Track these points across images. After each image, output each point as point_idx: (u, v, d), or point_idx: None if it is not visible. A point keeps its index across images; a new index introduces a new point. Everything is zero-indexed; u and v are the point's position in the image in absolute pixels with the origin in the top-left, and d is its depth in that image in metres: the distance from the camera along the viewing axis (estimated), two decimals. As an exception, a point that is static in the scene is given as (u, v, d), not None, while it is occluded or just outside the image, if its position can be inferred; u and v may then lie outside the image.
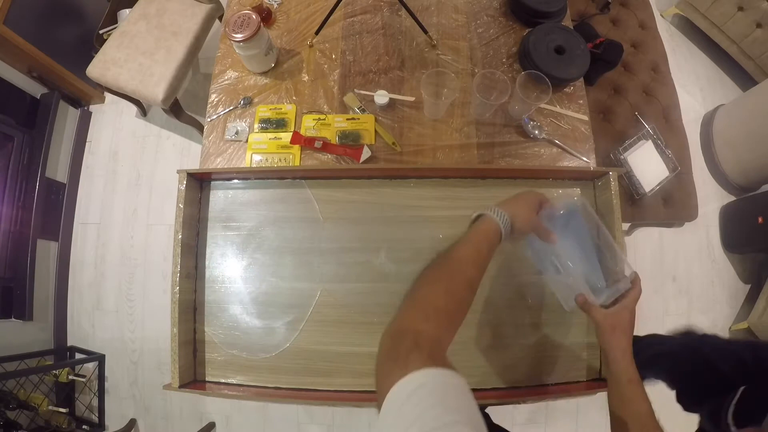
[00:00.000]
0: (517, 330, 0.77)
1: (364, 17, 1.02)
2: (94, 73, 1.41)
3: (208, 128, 0.93)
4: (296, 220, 0.81)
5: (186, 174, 0.77)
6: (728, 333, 1.66)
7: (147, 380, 1.61)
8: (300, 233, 0.81)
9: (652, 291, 1.68)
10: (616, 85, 1.35)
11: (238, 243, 0.81)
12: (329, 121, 0.92)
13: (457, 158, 0.89)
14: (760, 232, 1.56)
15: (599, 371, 0.77)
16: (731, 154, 1.74)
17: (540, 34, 0.94)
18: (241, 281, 0.79)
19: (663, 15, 2.05)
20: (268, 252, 0.80)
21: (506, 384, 0.75)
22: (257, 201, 0.82)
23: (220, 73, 0.98)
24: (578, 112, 0.93)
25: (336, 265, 0.79)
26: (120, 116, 1.90)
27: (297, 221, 0.81)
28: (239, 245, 0.81)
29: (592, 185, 0.82)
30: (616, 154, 1.23)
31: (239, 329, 0.78)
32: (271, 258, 0.80)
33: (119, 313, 1.67)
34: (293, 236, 0.80)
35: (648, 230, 1.67)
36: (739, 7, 1.72)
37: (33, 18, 1.54)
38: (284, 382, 0.75)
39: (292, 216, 0.81)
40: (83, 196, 1.81)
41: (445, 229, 0.80)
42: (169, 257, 0.74)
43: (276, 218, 0.81)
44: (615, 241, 0.67)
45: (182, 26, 1.43)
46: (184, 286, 0.75)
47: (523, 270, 0.79)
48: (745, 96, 1.73)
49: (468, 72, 0.97)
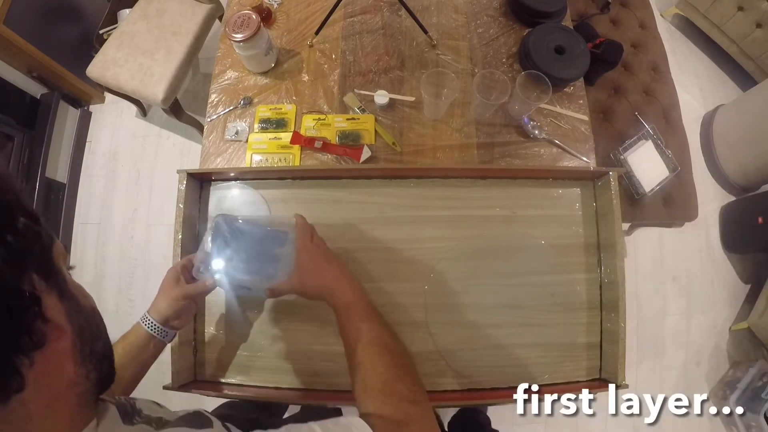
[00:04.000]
0: (517, 330, 0.77)
1: (364, 17, 1.02)
2: (94, 73, 1.41)
3: (208, 128, 0.93)
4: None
5: (186, 174, 0.77)
6: (728, 333, 1.66)
7: (147, 380, 1.61)
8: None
9: (652, 291, 1.68)
10: (616, 85, 1.35)
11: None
12: (329, 121, 0.92)
13: (457, 158, 0.89)
14: (760, 232, 1.56)
15: (599, 371, 0.77)
16: (731, 154, 1.74)
17: (540, 34, 0.94)
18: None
19: (663, 15, 2.05)
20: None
21: (506, 384, 0.75)
22: (257, 201, 0.82)
23: (220, 73, 0.98)
24: (578, 112, 0.93)
25: (336, 265, 0.79)
26: (120, 116, 1.90)
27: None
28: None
29: (592, 185, 0.82)
30: (616, 154, 1.23)
31: (239, 329, 0.78)
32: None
33: (119, 313, 1.67)
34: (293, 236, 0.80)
35: (648, 230, 1.67)
36: (739, 7, 1.72)
37: (33, 18, 1.54)
38: (284, 382, 0.75)
39: (292, 216, 0.81)
40: (83, 196, 1.81)
41: (446, 229, 0.80)
42: (169, 257, 0.74)
43: (276, 218, 0.81)
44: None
45: (182, 26, 1.43)
46: (184, 286, 0.75)
47: (523, 270, 0.79)
48: (745, 96, 1.73)
49: (468, 72, 0.97)
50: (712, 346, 1.65)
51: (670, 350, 1.62)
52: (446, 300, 0.77)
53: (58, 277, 0.30)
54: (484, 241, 0.79)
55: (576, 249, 0.80)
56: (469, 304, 0.77)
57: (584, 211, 0.81)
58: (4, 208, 0.26)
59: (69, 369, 0.30)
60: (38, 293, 0.27)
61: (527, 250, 0.79)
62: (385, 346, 0.52)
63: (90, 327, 0.32)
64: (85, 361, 0.31)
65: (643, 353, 1.60)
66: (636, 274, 1.68)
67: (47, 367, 0.27)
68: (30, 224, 0.28)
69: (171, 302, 0.60)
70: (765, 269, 1.69)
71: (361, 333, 0.52)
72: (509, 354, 0.76)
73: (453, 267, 0.78)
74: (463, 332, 0.76)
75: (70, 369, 0.30)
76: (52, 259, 0.30)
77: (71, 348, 0.30)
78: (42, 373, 0.27)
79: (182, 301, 0.60)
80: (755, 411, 1.38)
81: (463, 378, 0.74)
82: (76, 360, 0.30)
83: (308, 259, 0.58)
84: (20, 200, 0.28)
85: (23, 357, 0.25)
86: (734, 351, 1.64)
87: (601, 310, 0.78)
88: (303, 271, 0.57)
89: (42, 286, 0.28)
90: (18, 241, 0.26)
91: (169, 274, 0.63)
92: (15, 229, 0.26)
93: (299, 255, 0.58)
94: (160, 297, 0.61)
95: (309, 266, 0.57)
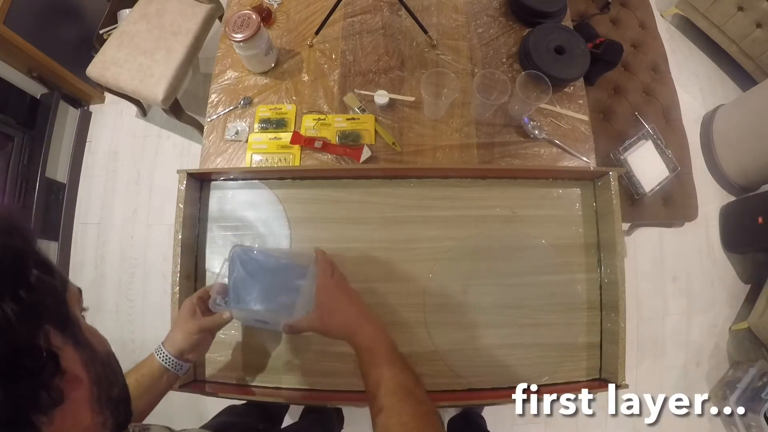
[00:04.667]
0: (517, 330, 0.77)
1: (364, 17, 1.02)
2: (94, 73, 1.41)
3: (208, 128, 0.93)
4: (296, 220, 0.81)
5: (186, 174, 0.77)
6: (728, 333, 1.66)
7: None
8: (300, 233, 0.80)
9: (652, 291, 1.68)
10: (616, 85, 1.35)
11: (238, 243, 0.80)
12: (329, 121, 0.92)
13: (457, 158, 0.89)
14: (760, 232, 1.56)
15: (599, 371, 0.77)
16: (731, 154, 1.74)
17: (540, 34, 0.94)
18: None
19: (663, 15, 2.05)
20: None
21: (506, 384, 0.75)
22: (257, 201, 0.82)
23: (220, 73, 0.98)
24: (578, 112, 0.93)
25: (337, 264, 0.79)
26: (120, 116, 1.90)
27: (297, 221, 0.81)
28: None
29: (592, 185, 0.82)
30: (616, 154, 1.23)
31: (239, 329, 0.77)
32: (271, 258, 0.80)
33: (119, 313, 1.67)
34: (293, 236, 0.80)
35: (648, 230, 1.67)
36: (739, 7, 1.72)
37: (33, 18, 1.54)
38: (284, 382, 0.75)
39: (292, 216, 0.81)
40: (83, 196, 1.81)
41: (445, 229, 0.80)
42: (169, 257, 0.74)
43: (276, 218, 0.81)
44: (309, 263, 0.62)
45: (182, 26, 1.43)
46: (184, 286, 0.75)
47: (523, 270, 0.79)
48: (745, 96, 1.73)
49: (468, 72, 0.97)
50: (712, 346, 1.65)
51: (670, 350, 1.62)
52: (446, 300, 0.77)
53: (74, 327, 0.29)
54: (483, 241, 0.79)
55: (576, 249, 0.80)
56: (469, 304, 0.77)
57: (584, 211, 0.81)
58: (17, 258, 0.25)
59: (86, 418, 0.29)
60: (55, 349, 0.26)
61: (527, 250, 0.80)
62: (409, 393, 0.50)
63: (106, 373, 0.31)
64: (102, 408, 0.30)
65: (643, 353, 1.60)
66: (636, 274, 1.68)
67: (65, 422, 0.26)
68: (43, 277, 0.27)
69: (186, 336, 0.58)
70: (765, 269, 1.69)
71: (384, 378, 0.51)
72: (509, 354, 0.76)
73: (453, 267, 0.78)
74: (462, 332, 0.76)
75: (88, 418, 0.29)
76: (68, 308, 0.29)
77: (88, 397, 0.29)
78: (60, 428, 0.26)
79: (198, 334, 0.59)
80: (755, 411, 1.38)
81: (462, 378, 0.74)
82: (93, 409, 0.29)
83: (329, 298, 0.56)
84: (33, 248, 0.27)
85: (42, 416, 0.24)
86: (734, 351, 1.64)
87: (601, 310, 0.78)
88: (324, 309, 0.55)
89: (58, 339, 0.27)
90: (32, 296, 0.25)
91: (185, 306, 0.61)
92: (28, 284, 0.25)
93: (320, 293, 0.56)
94: (175, 329, 0.59)
95: (330, 305, 0.56)
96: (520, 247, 0.79)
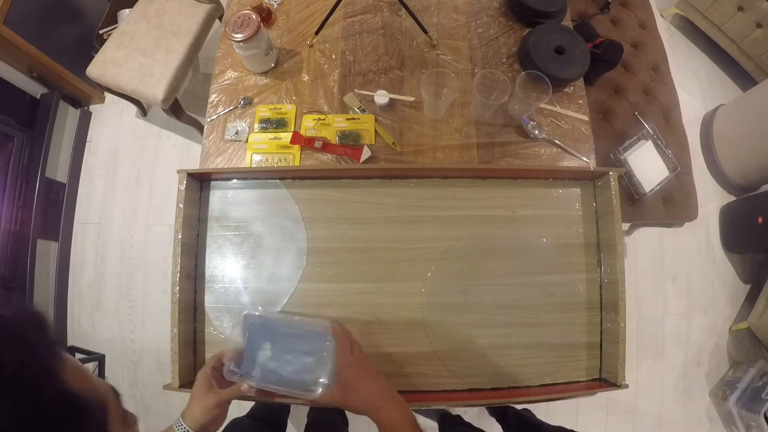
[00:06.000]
0: (517, 330, 0.77)
1: (364, 17, 1.02)
2: (94, 73, 1.41)
3: (208, 128, 0.93)
4: (297, 220, 0.81)
5: (186, 174, 0.77)
6: (728, 333, 1.66)
7: (147, 380, 1.61)
8: (300, 233, 0.80)
9: (652, 291, 1.68)
10: (616, 85, 1.35)
11: (238, 243, 0.81)
12: (329, 121, 0.92)
13: (457, 158, 0.89)
14: (760, 232, 1.56)
15: (599, 371, 0.77)
16: (731, 154, 1.74)
17: (540, 34, 0.94)
18: (241, 281, 0.79)
19: (663, 15, 2.05)
20: (269, 252, 0.80)
21: (506, 384, 0.75)
22: (257, 201, 0.82)
23: (220, 73, 0.98)
24: (578, 112, 0.93)
25: (337, 265, 0.79)
26: (120, 116, 1.90)
27: (298, 221, 0.81)
28: (239, 245, 0.80)
29: (592, 185, 0.82)
30: (616, 154, 1.23)
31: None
32: (271, 258, 0.80)
33: (119, 313, 1.67)
34: (293, 236, 0.80)
35: (648, 230, 1.67)
36: (739, 7, 1.72)
37: (33, 18, 1.54)
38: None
39: (292, 216, 0.81)
40: (83, 196, 1.81)
41: (445, 229, 0.80)
42: (169, 257, 0.74)
43: (276, 218, 0.81)
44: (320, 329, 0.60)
45: (182, 26, 1.43)
46: (184, 286, 0.75)
47: (523, 270, 0.79)
48: (745, 96, 1.73)
49: (468, 72, 0.97)
50: (712, 346, 1.65)
51: (670, 350, 1.62)
52: (445, 300, 0.77)
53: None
54: (483, 241, 0.79)
55: (576, 249, 0.80)
56: (469, 304, 0.77)
57: (584, 211, 0.82)
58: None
59: None
60: None
61: (527, 250, 0.80)
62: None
63: None
64: None
65: (643, 353, 1.60)
66: (636, 274, 1.68)
67: None
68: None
69: (206, 411, 0.57)
70: (765, 269, 1.69)
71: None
72: (509, 354, 0.76)
73: (452, 267, 0.78)
74: (462, 332, 0.76)
75: None
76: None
77: None
78: None
79: (217, 409, 0.58)
80: (755, 411, 1.38)
81: (462, 378, 0.74)
82: None
83: (351, 375, 0.55)
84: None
85: None
86: (734, 351, 1.64)
87: (601, 310, 0.78)
88: (346, 386, 0.54)
89: None
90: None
91: (200, 378, 0.60)
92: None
93: (341, 370, 0.55)
94: (194, 404, 0.58)
95: (352, 383, 0.55)
96: (520, 247, 0.80)
